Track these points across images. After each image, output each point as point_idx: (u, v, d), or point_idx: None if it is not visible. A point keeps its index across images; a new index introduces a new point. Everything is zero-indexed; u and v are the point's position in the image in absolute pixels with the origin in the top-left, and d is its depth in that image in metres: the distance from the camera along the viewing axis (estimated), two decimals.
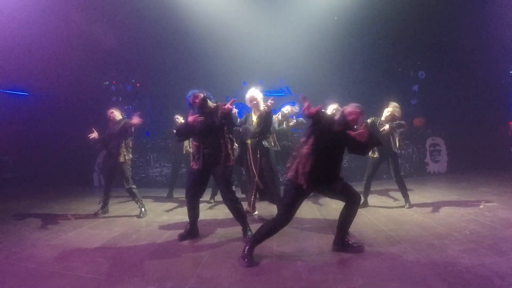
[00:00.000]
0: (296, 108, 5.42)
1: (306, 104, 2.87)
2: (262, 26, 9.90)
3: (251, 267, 2.92)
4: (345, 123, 3.03)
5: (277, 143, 4.91)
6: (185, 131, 3.81)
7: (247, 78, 10.50)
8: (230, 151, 3.72)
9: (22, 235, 4.18)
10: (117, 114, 5.26)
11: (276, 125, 5.10)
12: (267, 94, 9.76)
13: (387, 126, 4.95)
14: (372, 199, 5.67)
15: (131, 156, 5.17)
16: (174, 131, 4.49)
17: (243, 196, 5.49)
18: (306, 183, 2.93)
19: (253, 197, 4.67)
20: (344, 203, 3.22)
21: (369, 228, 3.96)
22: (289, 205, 3.05)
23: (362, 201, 4.63)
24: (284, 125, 5.60)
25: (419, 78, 10.16)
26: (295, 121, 5.69)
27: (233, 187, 3.91)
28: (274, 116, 4.91)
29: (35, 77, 9.26)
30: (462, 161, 8.51)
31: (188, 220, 3.87)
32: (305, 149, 3.03)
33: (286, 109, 5.49)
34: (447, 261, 2.85)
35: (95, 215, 5.13)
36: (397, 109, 5.12)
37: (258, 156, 4.48)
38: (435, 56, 10.02)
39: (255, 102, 4.53)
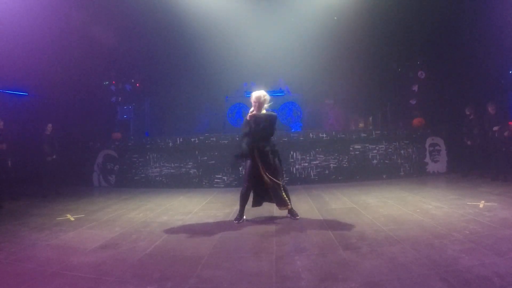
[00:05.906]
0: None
1: None
2: (261, 26, 9.91)
3: None
4: None
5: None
6: None
7: (246, 78, 10.52)
8: None
9: (22, 235, 4.18)
10: None
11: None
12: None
13: None
14: (372, 199, 5.67)
15: None
16: None
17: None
18: None
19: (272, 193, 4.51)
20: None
21: (369, 228, 3.95)
22: None
23: None
24: None
25: (419, 78, 10.15)
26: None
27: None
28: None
29: (35, 77, 9.25)
30: (462, 161, 8.50)
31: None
32: None
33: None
34: (447, 261, 2.85)
35: None
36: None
37: (265, 157, 4.44)
38: (434, 56, 10.01)
39: (257, 103, 4.55)
